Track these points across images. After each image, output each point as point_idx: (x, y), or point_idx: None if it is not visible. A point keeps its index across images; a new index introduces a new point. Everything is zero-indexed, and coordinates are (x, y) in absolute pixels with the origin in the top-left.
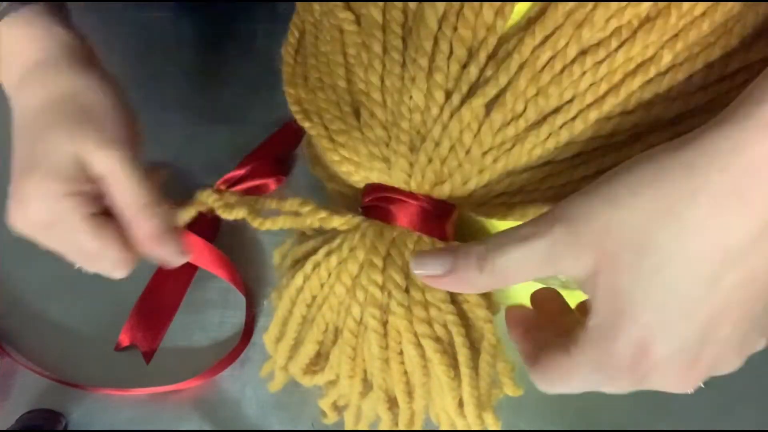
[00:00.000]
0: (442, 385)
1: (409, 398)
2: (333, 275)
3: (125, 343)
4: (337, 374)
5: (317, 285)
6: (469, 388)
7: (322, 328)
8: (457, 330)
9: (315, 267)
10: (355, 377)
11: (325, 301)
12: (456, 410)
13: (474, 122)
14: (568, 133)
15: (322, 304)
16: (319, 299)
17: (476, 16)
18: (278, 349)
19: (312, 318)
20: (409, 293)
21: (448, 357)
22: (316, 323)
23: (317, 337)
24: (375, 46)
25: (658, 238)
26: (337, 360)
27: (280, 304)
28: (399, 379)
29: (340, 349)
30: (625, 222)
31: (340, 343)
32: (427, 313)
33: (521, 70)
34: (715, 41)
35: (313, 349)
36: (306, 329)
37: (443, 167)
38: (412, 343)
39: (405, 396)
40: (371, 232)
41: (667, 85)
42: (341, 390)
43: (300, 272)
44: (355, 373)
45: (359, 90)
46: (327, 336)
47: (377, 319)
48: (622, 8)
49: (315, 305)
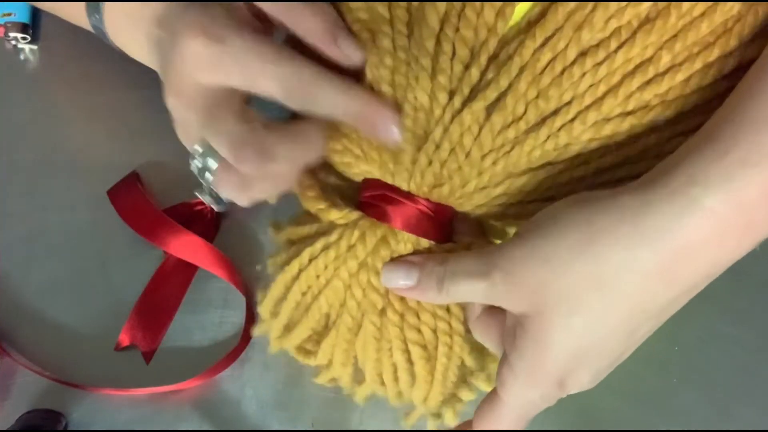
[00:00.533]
0: (416, 383)
1: (395, 383)
2: (330, 269)
3: (125, 343)
4: (330, 360)
5: (313, 276)
6: (440, 387)
7: (316, 317)
8: (444, 340)
9: (312, 258)
10: (348, 365)
11: (321, 292)
12: (421, 402)
13: (474, 125)
14: (567, 135)
15: (318, 294)
16: (315, 290)
17: (477, 17)
18: (273, 324)
19: (307, 306)
20: (404, 300)
21: (431, 362)
22: (311, 312)
23: (312, 324)
24: (384, 41)
25: (589, 301)
26: (330, 349)
27: (274, 285)
28: (388, 369)
29: (334, 340)
30: (559, 283)
31: (336, 335)
32: (418, 319)
33: (522, 72)
34: (714, 42)
35: (306, 333)
36: (300, 314)
37: (443, 170)
38: (400, 349)
39: (392, 381)
40: (372, 234)
41: (666, 86)
42: (334, 373)
43: (296, 260)
44: (348, 362)
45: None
46: (320, 324)
47: (377, 326)
48: (622, 9)
49: (310, 294)
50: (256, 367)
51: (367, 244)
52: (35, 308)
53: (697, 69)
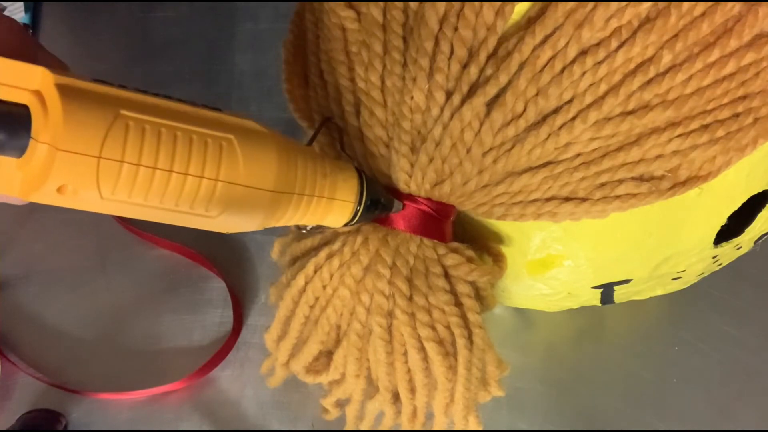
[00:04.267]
0: (437, 385)
1: (411, 395)
2: (336, 278)
3: None
4: (343, 373)
5: (320, 287)
6: (462, 389)
7: (326, 330)
8: (460, 332)
9: (317, 269)
10: (361, 376)
11: (329, 303)
12: (443, 410)
13: (475, 121)
14: (567, 134)
15: (326, 306)
16: (322, 301)
17: (476, 16)
18: (280, 347)
19: (315, 319)
20: (412, 300)
21: (449, 359)
22: (320, 325)
23: (321, 338)
24: (376, 45)
25: None
26: (343, 360)
27: (282, 303)
28: (402, 377)
29: (346, 350)
30: None
31: (347, 345)
32: (431, 317)
33: (521, 69)
34: (714, 42)
35: (316, 348)
36: (309, 329)
37: (444, 165)
38: (416, 348)
39: (408, 393)
40: (374, 238)
41: (667, 86)
42: (347, 389)
43: (301, 273)
44: (361, 373)
45: (360, 89)
46: (330, 336)
47: (383, 327)
48: (622, 8)
49: (318, 306)
50: (256, 367)
51: (370, 249)
52: (35, 310)
53: (698, 69)
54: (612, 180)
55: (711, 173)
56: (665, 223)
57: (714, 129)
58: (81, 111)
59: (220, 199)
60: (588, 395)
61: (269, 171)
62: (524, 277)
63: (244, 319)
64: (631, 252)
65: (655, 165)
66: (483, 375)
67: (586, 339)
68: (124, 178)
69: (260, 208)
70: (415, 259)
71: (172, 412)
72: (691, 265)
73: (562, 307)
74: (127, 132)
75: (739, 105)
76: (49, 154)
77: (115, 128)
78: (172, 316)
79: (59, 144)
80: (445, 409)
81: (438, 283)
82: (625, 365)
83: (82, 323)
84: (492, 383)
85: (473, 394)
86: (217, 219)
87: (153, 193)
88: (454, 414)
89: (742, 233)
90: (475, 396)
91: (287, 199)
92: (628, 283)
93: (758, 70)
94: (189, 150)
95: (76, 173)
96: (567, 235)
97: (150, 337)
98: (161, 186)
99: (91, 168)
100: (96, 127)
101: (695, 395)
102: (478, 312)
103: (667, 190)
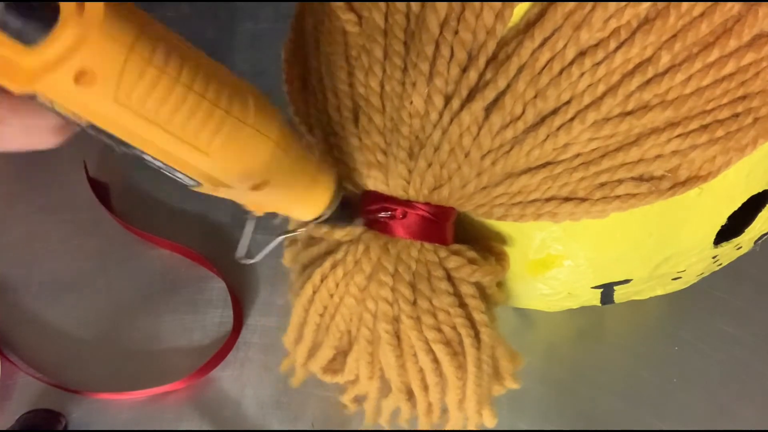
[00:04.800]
0: (448, 383)
1: (425, 392)
2: (341, 287)
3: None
4: (357, 375)
5: (327, 296)
6: (473, 386)
7: (337, 336)
8: (467, 332)
9: (323, 278)
10: (374, 378)
11: (337, 310)
12: (456, 405)
13: (474, 125)
14: (566, 135)
15: (335, 313)
16: (331, 309)
17: (476, 19)
18: (297, 350)
19: (326, 326)
20: (416, 304)
21: (458, 358)
22: (331, 331)
23: (333, 343)
24: (376, 50)
25: None
26: (355, 363)
27: (294, 311)
28: (415, 377)
29: (357, 354)
30: None
31: (358, 349)
32: (436, 320)
33: (520, 72)
34: (713, 42)
35: (331, 352)
36: (322, 334)
37: (443, 170)
38: (424, 350)
39: (421, 390)
40: (375, 246)
41: (666, 86)
42: (361, 389)
43: (309, 282)
44: (374, 374)
45: (359, 94)
46: (343, 341)
47: (390, 333)
48: (621, 9)
49: (327, 314)
50: (256, 367)
51: (371, 257)
52: (34, 310)
53: (697, 69)
54: (611, 180)
55: (711, 173)
56: (665, 223)
57: (714, 129)
58: (120, 6)
59: (226, 133)
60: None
61: (274, 122)
62: (524, 277)
63: (244, 319)
64: (631, 252)
65: (654, 165)
66: (495, 370)
67: (586, 339)
68: (146, 81)
69: (258, 158)
70: (417, 264)
71: (172, 412)
72: (691, 265)
73: (562, 307)
74: (158, 40)
75: (739, 105)
76: (78, 37)
77: (148, 30)
78: (172, 316)
79: (93, 25)
80: (458, 405)
81: (441, 286)
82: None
83: (82, 323)
84: (506, 376)
85: (485, 390)
86: (213, 158)
87: (167, 107)
88: (468, 409)
89: (742, 233)
90: (489, 390)
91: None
92: (628, 283)
93: (758, 70)
94: (208, 77)
95: (102, 59)
96: (567, 235)
97: (150, 337)
98: (177, 101)
99: (119, 58)
100: (132, 21)
101: (695, 395)
102: (483, 311)
103: (666, 190)
